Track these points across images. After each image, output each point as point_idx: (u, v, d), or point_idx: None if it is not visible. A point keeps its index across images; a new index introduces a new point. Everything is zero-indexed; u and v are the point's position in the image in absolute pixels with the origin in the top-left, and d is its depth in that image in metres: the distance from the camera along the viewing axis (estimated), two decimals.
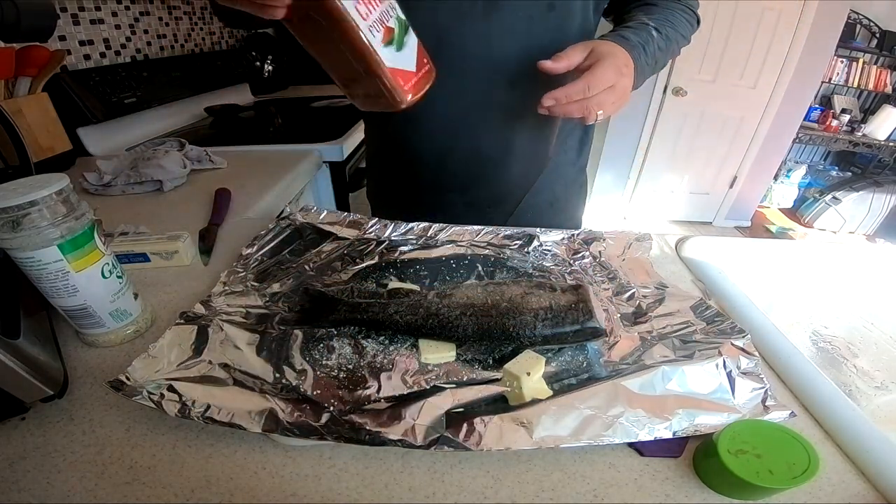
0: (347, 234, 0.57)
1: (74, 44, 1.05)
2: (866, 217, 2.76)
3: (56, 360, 0.37)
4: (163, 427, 0.34)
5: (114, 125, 1.06)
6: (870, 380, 0.54)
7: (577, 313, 0.38)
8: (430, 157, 0.66)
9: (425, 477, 0.30)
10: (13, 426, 0.34)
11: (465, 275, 0.50)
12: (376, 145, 0.76)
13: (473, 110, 0.61)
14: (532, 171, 0.69)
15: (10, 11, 0.60)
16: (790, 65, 2.29)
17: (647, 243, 0.56)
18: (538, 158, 0.68)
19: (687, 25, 0.61)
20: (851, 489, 0.30)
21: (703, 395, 0.34)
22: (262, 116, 1.40)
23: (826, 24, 2.18)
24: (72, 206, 0.35)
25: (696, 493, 0.30)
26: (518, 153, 0.65)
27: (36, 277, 0.35)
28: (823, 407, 0.35)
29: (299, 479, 0.30)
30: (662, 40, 0.56)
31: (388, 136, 0.70)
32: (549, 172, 0.70)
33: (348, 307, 0.41)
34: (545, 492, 0.30)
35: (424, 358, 0.38)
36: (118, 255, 0.46)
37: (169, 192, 0.78)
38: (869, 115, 2.79)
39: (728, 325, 0.41)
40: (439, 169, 0.67)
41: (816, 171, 3.12)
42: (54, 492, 0.29)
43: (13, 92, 0.81)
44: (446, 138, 0.63)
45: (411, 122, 0.63)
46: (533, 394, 0.33)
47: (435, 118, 0.61)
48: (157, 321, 0.45)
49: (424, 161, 0.67)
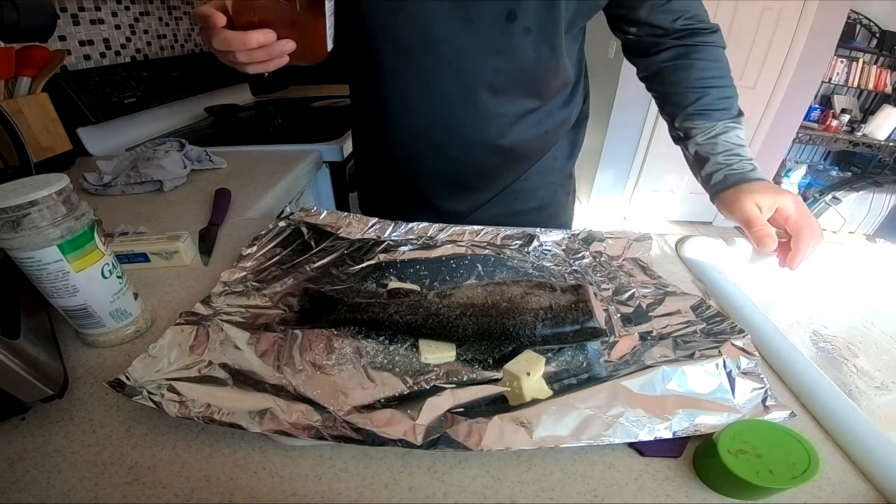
0: (347, 234, 0.57)
1: (74, 44, 1.05)
2: (866, 217, 2.76)
3: (56, 360, 0.37)
4: (163, 427, 0.34)
5: (114, 125, 1.06)
6: (870, 380, 0.54)
7: (577, 313, 0.38)
8: (410, 158, 0.67)
9: (425, 477, 0.30)
10: (13, 426, 0.34)
11: (465, 275, 0.50)
12: (361, 151, 0.77)
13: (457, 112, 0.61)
14: (515, 174, 0.69)
15: (10, 11, 0.60)
16: (790, 65, 2.29)
17: (647, 243, 0.56)
18: (522, 163, 0.68)
19: (726, 66, 0.61)
20: (851, 489, 0.30)
21: (703, 395, 0.34)
22: (262, 116, 1.40)
23: (826, 24, 2.18)
24: (72, 206, 0.35)
25: (696, 493, 0.30)
26: (501, 157, 0.65)
27: (36, 277, 0.35)
28: (823, 407, 0.35)
29: (299, 479, 0.30)
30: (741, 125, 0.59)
31: (371, 138, 0.70)
32: (534, 178, 0.70)
33: (348, 307, 0.41)
34: (545, 492, 0.30)
35: (424, 358, 0.38)
36: (118, 255, 0.46)
37: (169, 192, 0.78)
38: (869, 115, 2.79)
39: (728, 325, 0.41)
40: (420, 172, 0.67)
41: (816, 171, 3.12)
42: (54, 492, 0.29)
43: (13, 92, 0.81)
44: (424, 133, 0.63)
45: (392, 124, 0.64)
46: (533, 394, 0.33)
47: (413, 118, 0.62)
48: (157, 321, 0.45)
49: (404, 162, 0.67)
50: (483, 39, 0.54)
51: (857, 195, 2.70)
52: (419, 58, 0.56)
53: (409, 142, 0.64)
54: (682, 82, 0.60)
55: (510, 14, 0.52)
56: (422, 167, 0.67)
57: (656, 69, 0.62)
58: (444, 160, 0.65)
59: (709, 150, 0.59)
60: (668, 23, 0.59)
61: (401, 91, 0.60)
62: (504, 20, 0.53)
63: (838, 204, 2.74)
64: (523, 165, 0.68)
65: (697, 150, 0.60)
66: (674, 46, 0.60)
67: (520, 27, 0.53)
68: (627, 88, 2.37)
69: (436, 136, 0.62)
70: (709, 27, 0.60)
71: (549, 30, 0.55)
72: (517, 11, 0.52)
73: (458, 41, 0.54)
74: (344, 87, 0.77)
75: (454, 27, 0.53)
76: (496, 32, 0.54)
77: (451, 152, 0.64)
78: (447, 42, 0.54)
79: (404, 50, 0.56)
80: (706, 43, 0.60)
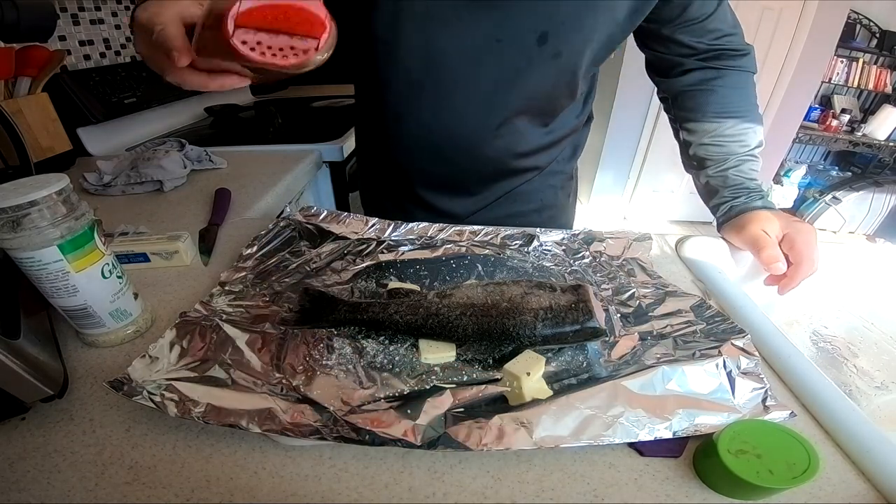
0: (347, 234, 0.57)
1: (74, 44, 1.05)
2: (866, 217, 2.76)
3: (56, 360, 0.37)
4: (163, 427, 0.34)
5: (114, 125, 1.06)
6: (870, 380, 0.54)
7: (577, 313, 0.38)
8: (413, 165, 0.66)
9: (425, 477, 0.30)
10: (13, 426, 0.34)
11: (465, 275, 0.50)
12: (364, 152, 0.76)
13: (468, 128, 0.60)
14: (519, 181, 0.69)
15: (10, 11, 0.60)
16: (790, 65, 2.29)
17: (647, 243, 0.56)
18: (527, 171, 0.68)
19: (752, 93, 0.60)
20: (851, 489, 0.30)
21: (703, 395, 0.34)
22: (262, 116, 1.40)
23: (826, 24, 2.18)
24: (72, 206, 0.35)
25: (696, 493, 0.30)
26: (507, 168, 0.65)
27: (36, 277, 0.35)
28: (823, 407, 0.35)
29: (299, 479, 0.30)
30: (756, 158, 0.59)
31: (375, 141, 0.70)
32: (536, 180, 0.70)
33: (348, 307, 0.41)
34: (545, 492, 0.30)
35: (424, 358, 0.38)
36: (118, 255, 0.46)
37: (169, 192, 0.78)
38: (869, 115, 2.79)
39: (728, 325, 0.41)
40: (423, 178, 0.67)
41: (816, 171, 3.12)
42: (54, 492, 0.29)
43: (13, 92, 0.81)
44: (432, 145, 0.62)
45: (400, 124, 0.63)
46: (533, 394, 0.33)
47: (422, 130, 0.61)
48: (157, 321, 0.45)
49: (407, 167, 0.67)
50: (508, 61, 0.53)
51: (857, 195, 2.70)
52: (437, 74, 0.54)
53: (415, 150, 0.64)
54: (700, 109, 0.59)
55: (542, 37, 0.51)
56: (425, 174, 0.66)
57: (677, 92, 0.61)
58: (449, 169, 0.64)
59: (719, 184, 0.58)
60: (697, 42, 0.57)
61: (412, 104, 0.59)
62: (535, 43, 0.51)
63: (838, 204, 2.74)
64: (528, 173, 0.68)
65: (708, 181, 0.60)
66: (699, 68, 0.58)
67: (549, 51, 0.52)
68: (627, 88, 2.37)
69: (443, 148, 0.61)
70: (739, 50, 0.58)
71: (577, 56, 0.54)
72: (549, 35, 0.51)
73: (482, 61, 0.53)
74: (343, 88, 0.77)
75: (482, 47, 0.52)
76: (523, 54, 0.52)
77: (458, 163, 0.63)
78: (471, 62, 0.53)
79: (422, 66, 0.54)
80: (733, 67, 0.58)
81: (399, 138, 0.63)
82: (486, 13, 0.50)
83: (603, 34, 0.53)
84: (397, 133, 0.63)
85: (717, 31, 0.57)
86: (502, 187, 0.69)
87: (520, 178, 0.68)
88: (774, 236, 0.52)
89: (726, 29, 0.57)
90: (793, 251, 0.51)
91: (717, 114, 0.58)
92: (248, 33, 0.27)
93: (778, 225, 0.53)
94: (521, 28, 0.51)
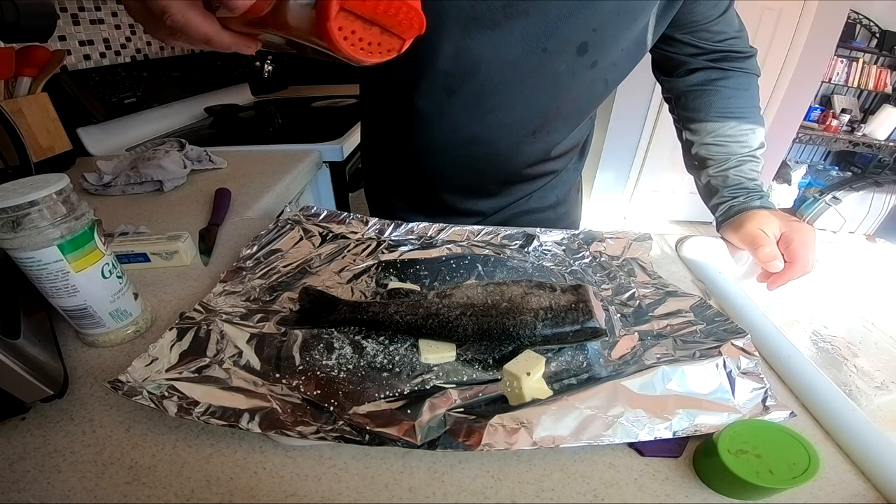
0: (347, 234, 0.57)
1: (74, 44, 1.05)
2: (866, 217, 2.76)
3: (56, 360, 0.37)
4: (163, 427, 0.33)
5: (114, 125, 1.06)
6: (870, 380, 0.54)
7: (577, 313, 0.38)
8: (436, 169, 0.66)
9: (425, 477, 0.30)
10: (13, 426, 0.34)
11: (465, 275, 0.50)
12: (375, 152, 0.75)
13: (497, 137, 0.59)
14: (539, 184, 0.69)
15: (10, 11, 0.60)
16: (790, 65, 2.29)
17: (647, 243, 0.56)
18: (548, 175, 0.69)
19: (756, 95, 0.60)
20: (851, 489, 0.30)
21: (703, 395, 0.34)
22: (262, 116, 1.40)
23: (826, 24, 2.18)
24: (72, 206, 0.35)
25: (696, 493, 0.30)
26: (530, 174, 0.66)
27: (36, 277, 0.35)
28: (823, 407, 0.35)
29: (299, 479, 0.30)
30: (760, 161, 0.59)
31: (394, 145, 0.69)
32: (555, 180, 0.70)
33: (348, 307, 0.41)
34: (545, 492, 0.30)
35: (424, 358, 0.38)
36: (118, 255, 0.46)
37: (169, 192, 0.78)
38: (869, 115, 2.79)
39: (728, 325, 0.41)
40: (445, 182, 0.67)
41: (816, 171, 3.12)
42: (54, 492, 0.29)
43: (13, 92, 0.81)
44: (462, 150, 0.62)
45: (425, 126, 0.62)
46: (533, 394, 0.33)
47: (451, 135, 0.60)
48: (157, 321, 0.45)
49: (429, 171, 0.66)
50: (548, 72, 0.53)
51: (857, 195, 2.70)
52: (474, 81, 0.54)
53: (441, 154, 0.63)
54: (704, 108, 0.59)
55: (582, 46, 0.51)
56: (449, 177, 0.66)
57: (681, 92, 0.62)
58: (472, 174, 0.64)
59: (719, 184, 0.59)
60: (704, 42, 0.57)
61: (444, 109, 0.58)
62: (575, 52, 0.51)
63: (838, 204, 2.74)
64: (550, 175, 0.69)
65: (709, 181, 0.60)
66: (704, 69, 0.59)
67: (588, 61, 0.52)
68: (628, 88, 2.36)
69: (473, 153, 0.61)
70: (744, 52, 0.59)
71: (611, 65, 0.54)
72: (589, 44, 0.51)
73: (524, 70, 0.52)
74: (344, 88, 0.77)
75: (525, 56, 0.51)
76: (564, 64, 0.52)
77: (485, 167, 0.63)
78: (512, 70, 0.52)
79: (460, 71, 0.53)
80: (738, 69, 0.59)
81: (426, 141, 0.62)
82: (530, 22, 0.50)
83: (632, 42, 0.53)
84: (425, 136, 0.62)
85: (723, 34, 0.58)
86: (525, 188, 0.69)
87: (543, 180, 0.69)
88: (772, 235, 0.53)
89: (732, 31, 0.58)
90: (788, 250, 0.51)
91: (720, 114, 0.58)
92: (347, 18, 0.24)
93: (776, 224, 0.53)
94: (565, 37, 0.51)
